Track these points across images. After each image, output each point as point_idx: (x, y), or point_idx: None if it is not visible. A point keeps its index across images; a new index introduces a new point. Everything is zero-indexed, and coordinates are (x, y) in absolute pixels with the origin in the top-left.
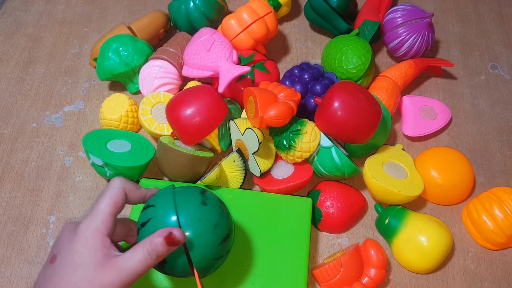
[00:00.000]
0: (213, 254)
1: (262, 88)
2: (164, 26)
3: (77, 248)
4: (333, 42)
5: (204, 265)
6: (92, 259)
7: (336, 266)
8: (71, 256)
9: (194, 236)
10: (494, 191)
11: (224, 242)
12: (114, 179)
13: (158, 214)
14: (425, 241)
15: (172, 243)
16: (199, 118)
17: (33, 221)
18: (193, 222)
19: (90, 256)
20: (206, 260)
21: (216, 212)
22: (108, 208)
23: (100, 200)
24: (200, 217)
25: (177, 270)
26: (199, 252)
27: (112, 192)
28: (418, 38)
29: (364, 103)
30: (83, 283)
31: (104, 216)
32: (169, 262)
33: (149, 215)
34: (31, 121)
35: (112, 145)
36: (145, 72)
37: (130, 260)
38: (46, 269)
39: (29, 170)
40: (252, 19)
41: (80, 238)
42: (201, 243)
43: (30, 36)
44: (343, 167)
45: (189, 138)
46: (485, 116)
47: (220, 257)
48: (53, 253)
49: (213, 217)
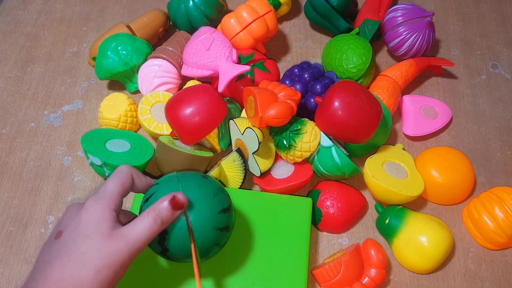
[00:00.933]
0: (211, 221)
1: (262, 88)
2: (164, 25)
3: (84, 221)
4: (334, 41)
5: (204, 236)
6: (100, 230)
7: (336, 266)
8: (79, 228)
9: (194, 200)
10: (495, 191)
11: (223, 213)
12: (121, 165)
13: (161, 188)
14: (426, 241)
15: (176, 206)
16: (199, 118)
17: (32, 221)
18: (193, 188)
19: (97, 227)
20: (205, 229)
21: (216, 185)
22: (116, 187)
23: (108, 180)
24: (199, 184)
25: (178, 244)
26: (198, 217)
27: (120, 175)
28: (419, 37)
29: (364, 103)
30: (92, 252)
31: (112, 193)
32: (170, 236)
33: (152, 191)
34: (29, 121)
35: (111, 144)
36: (144, 71)
37: (136, 227)
38: (51, 245)
39: (27, 170)
40: (252, 18)
41: (88, 211)
42: (201, 207)
43: (28, 35)
44: (344, 167)
45: (189, 137)
46: (486, 115)
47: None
48: (58, 230)
49: (213, 187)
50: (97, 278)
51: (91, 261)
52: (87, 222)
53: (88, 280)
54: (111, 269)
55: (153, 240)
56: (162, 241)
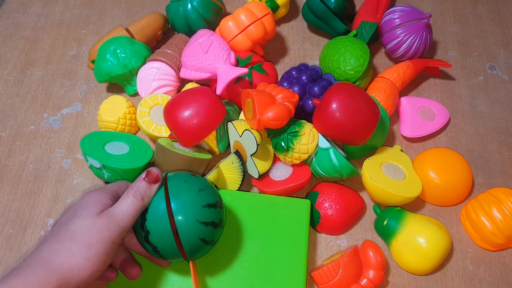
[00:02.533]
0: (194, 214)
1: (260, 90)
2: (162, 28)
3: (78, 204)
4: (331, 43)
5: (186, 227)
6: (91, 210)
7: (334, 268)
8: (73, 212)
9: (178, 191)
10: (493, 192)
11: (208, 208)
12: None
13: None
14: (424, 242)
15: (151, 179)
16: (197, 120)
17: (31, 223)
18: (179, 182)
19: (89, 208)
20: (188, 221)
21: (204, 182)
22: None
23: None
24: (186, 179)
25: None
26: (180, 206)
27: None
28: (416, 39)
29: (362, 104)
30: (81, 230)
31: (111, 186)
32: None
33: None
34: (29, 124)
35: (110, 147)
36: (143, 74)
37: (121, 205)
38: (47, 235)
39: (27, 172)
40: (250, 20)
41: (84, 198)
42: (184, 198)
43: (28, 38)
44: (341, 169)
45: (187, 140)
46: (483, 117)
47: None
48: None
49: (200, 183)
50: (90, 252)
51: (81, 238)
52: (80, 206)
53: (80, 254)
54: (102, 245)
55: (136, 224)
56: (143, 223)
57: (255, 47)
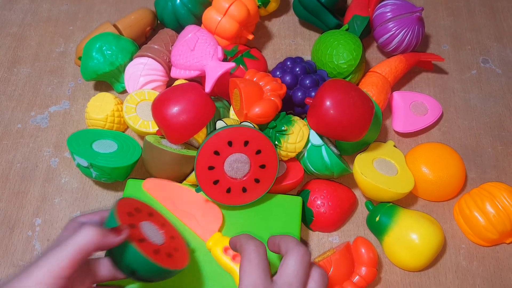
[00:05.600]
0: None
1: (247, 80)
2: (151, 23)
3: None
4: (324, 37)
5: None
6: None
7: (326, 265)
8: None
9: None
10: (486, 187)
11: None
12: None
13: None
14: (417, 238)
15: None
16: (186, 116)
17: (19, 224)
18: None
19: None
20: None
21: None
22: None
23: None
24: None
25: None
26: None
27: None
28: (408, 32)
29: (355, 100)
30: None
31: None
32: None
33: None
34: (16, 122)
35: (98, 145)
36: (130, 70)
37: None
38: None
39: (14, 172)
40: (229, 2)
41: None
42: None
43: (14, 35)
44: (333, 167)
45: (176, 137)
46: (477, 111)
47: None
48: None
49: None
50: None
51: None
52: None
53: None
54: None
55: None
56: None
57: (242, 31)
